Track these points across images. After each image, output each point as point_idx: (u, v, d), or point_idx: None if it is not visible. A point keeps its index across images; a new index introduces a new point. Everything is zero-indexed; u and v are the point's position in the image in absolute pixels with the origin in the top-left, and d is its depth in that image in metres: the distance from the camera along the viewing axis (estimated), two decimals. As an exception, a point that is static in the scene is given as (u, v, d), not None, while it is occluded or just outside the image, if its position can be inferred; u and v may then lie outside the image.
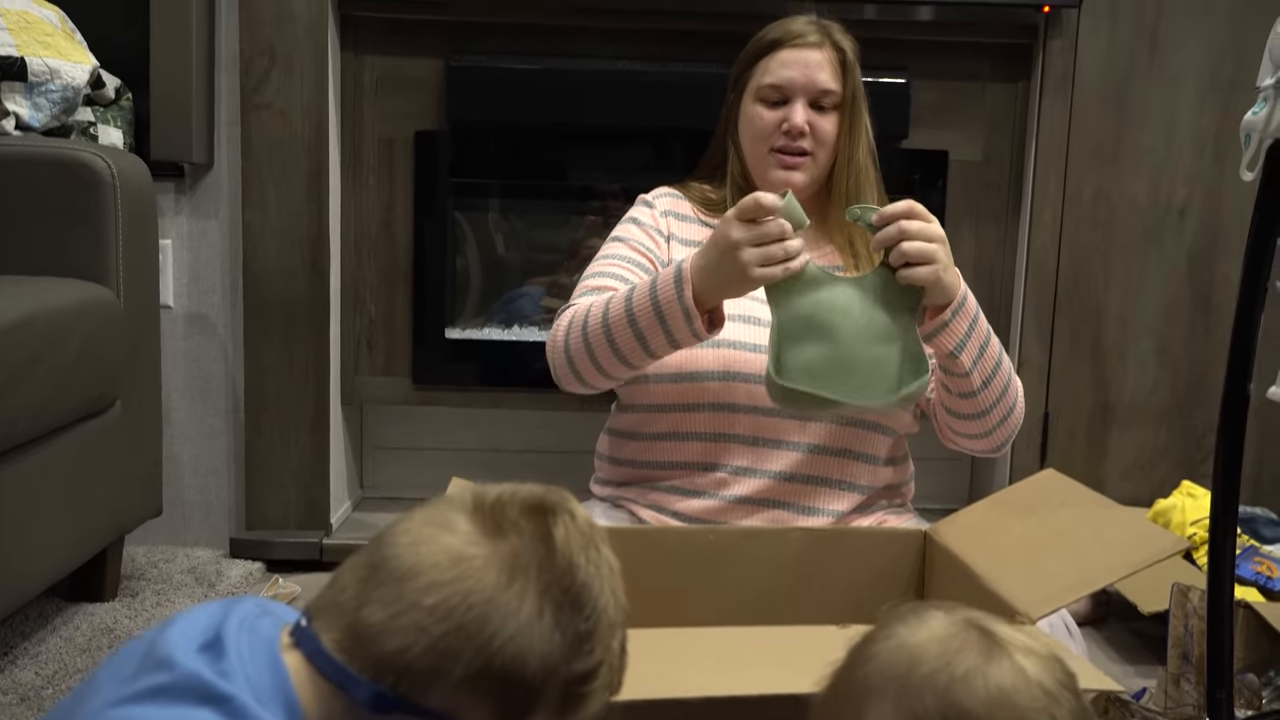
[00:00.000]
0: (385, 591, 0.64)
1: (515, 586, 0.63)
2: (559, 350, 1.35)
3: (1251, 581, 1.58)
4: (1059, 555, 1.06)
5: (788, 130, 1.38)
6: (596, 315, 1.31)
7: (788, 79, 1.39)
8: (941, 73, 1.94)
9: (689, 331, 1.22)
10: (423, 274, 1.97)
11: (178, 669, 0.62)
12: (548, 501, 0.67)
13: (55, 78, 1.65)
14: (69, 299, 1.44)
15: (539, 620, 0.63)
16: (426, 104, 1.93)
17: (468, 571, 0.63)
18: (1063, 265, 1.94)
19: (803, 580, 1.21)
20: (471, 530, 0.65)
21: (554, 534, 0.65)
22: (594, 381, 1.35)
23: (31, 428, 1.33)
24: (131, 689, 0.62)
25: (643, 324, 1.25)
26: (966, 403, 1.29)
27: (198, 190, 1.92)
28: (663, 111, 1.90)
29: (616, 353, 1.29)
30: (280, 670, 0.64)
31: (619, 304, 1.29)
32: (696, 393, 1.33)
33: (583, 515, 0.68)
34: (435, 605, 0.62)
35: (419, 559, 0.64)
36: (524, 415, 2.12)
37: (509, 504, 0.67)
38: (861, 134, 1.42)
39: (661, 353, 1.27)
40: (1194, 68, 1.91)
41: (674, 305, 1.22)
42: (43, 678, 1.37)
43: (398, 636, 0.63)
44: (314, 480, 1.91)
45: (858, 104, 1.42)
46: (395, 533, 0.66)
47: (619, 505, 1.41)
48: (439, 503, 0.68)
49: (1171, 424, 1.99)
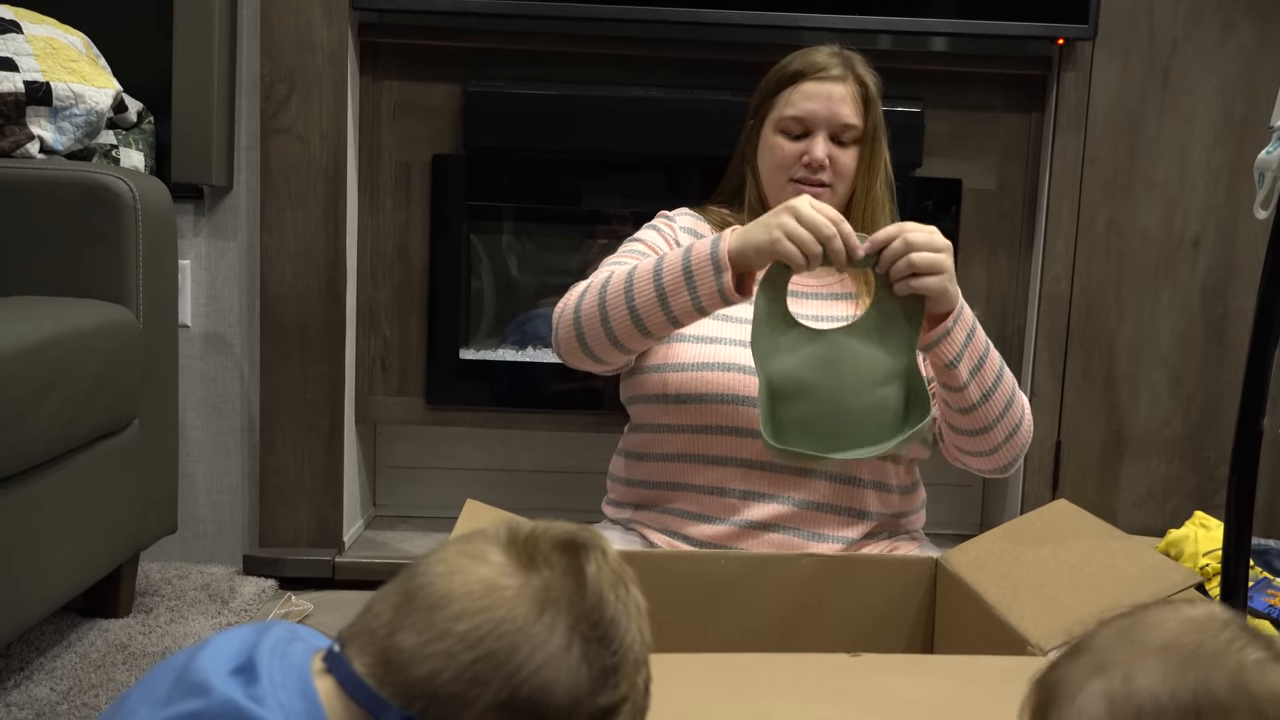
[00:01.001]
0: (418, 619, 0.64)
1: (545, 618, 0.64)
2: (568, 316, 1.32)
3: (1264, 614, 1.57)
4: (1070, 586, 1.06)
5: (808, 163, 1.40)
6: (619, 279, 1.29)
7: (810, 111, 1.40)
8: (956, 103, 1.95)
9: (715, 287, 1.20)
10: (437, 296, 1.99)
11: (213, 694, 0.62)
12: (580, 539, 0.68)
13: (79, 102, 1.68)
14: (89, 320, 1.45)
15: (567, 653, 0.64)
16: (444, 129, 1.95)
17: (499, 601, 0.64)
18: (1075, 295, 1.95)
19: (813, 607, 1.21)
20: (505, 562, 0.66)
21: (586, 570, 0.66)
22: (600, 351, 1.31)
23: (51, 447, 1.34)
24: (167, 713, 0.63)
25: (667, 280, 1.24)
26: (967, 418, 1.29)
27: (217, 212, 1.94)
28: (676, 138, 1.92)
29: (633, 314, 1.26)
30: (312, 696, 0.64)
31: (646, 266, 1.27)
32: (704, 415, 1.34)
33: (613, 554, 0.69)
34: (466, 633, 0.63)
35: (452, 587, 0.65)
36: (536, 436, 2.13)
37: (542, 539, 0.67)
38: (880, 167, 1.44)
39: (683, 318, 1.24)
40: (1207, 103, 1.92)
41: (705, 259, 1.21)
42: (58, 693, 1.38)
43: (428, 663, 0.63)
44: (327, 499, 1.92)
45: (878, 138, 1.43)
46: (430, 562, 0.67)
47: (631, 529, 1.41)
48: (473, 535, 0.69)
49: (1184, 455, 1.98)
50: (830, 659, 0.94)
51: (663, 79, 1.94)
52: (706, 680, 0.86)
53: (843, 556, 1.25)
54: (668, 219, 1.50)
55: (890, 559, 1.26)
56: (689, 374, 1.35)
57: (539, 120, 1.92)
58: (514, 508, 1.25)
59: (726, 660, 0.94)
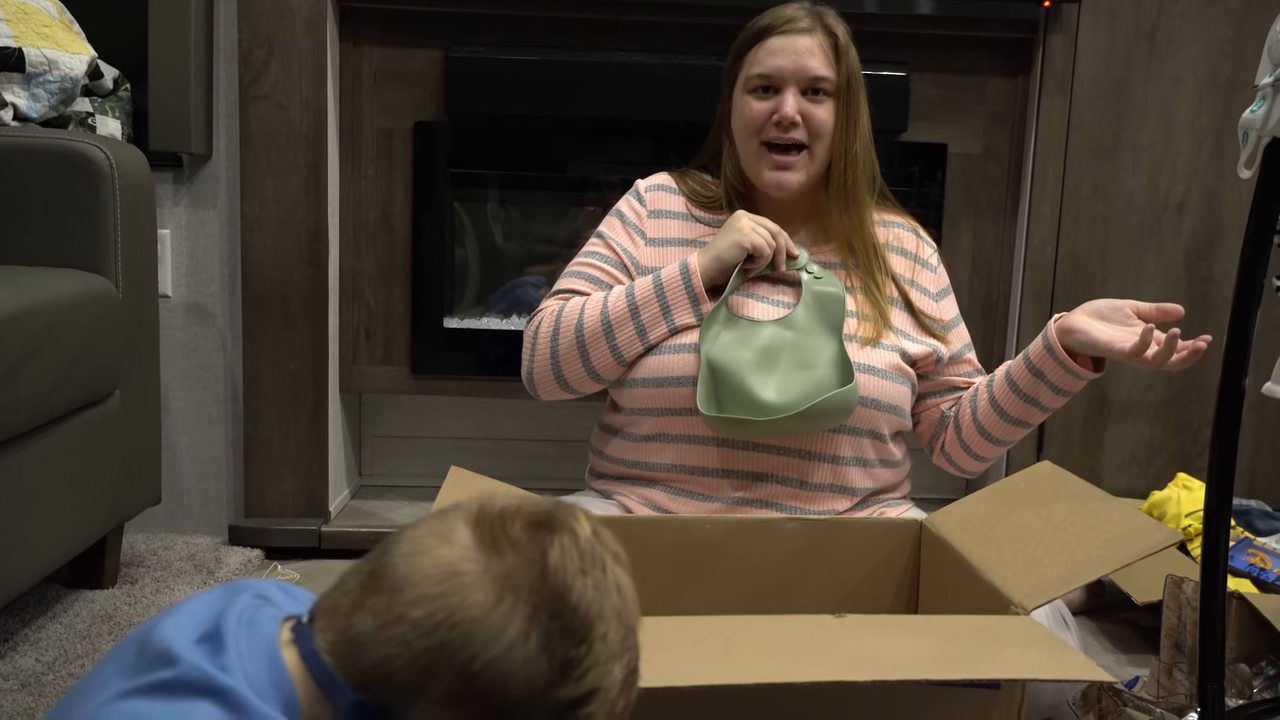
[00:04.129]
0: (378, 600, 0.63)
1: (503, 607, 0.62)
2: (543, 353, 1.36)
3: (1245, 573, 1.59)
4: (1054, 547, 1.06)
5: (778, 121, 1.33)
6: (593, 311, 1.34)
7: (777, 67, 1.34)
8: (941, 67, 1.94)
9: (689, 309, 1.33)
10: (421, 264, 1.98)
11: (180, 664, 0.62)
12: (553, 518, 0.66)
13: (53, 68, 1.65)
14: (68, 290, 1.44)
15: (524, 643, 0.62)
16: (426, 95, 1.93)
17: (457, 587, 0.62)
18: (1060, 260, 1.95)
19: (799, 570, 1.22)
20: (469, 544, 0.64)
21: (549, 555, 0.64)
22: (577, 384, 1.37)
23: (32, 417, 1.33)
24: (135, 683, 0.62)
25: (644, 313, 1.33)
26: (1016, 431, 1.38)
27: (196, 181, 1.92)
28: (661, 104, 1.90)
29: (613, 349, 1.34)
30: (279, 667, 0.64)
31: (618, 297, 1.34)
32: (677, 398, 1.33)
33: (587, 535, 0.66)
34: (420, 619, 0.61)
35: (412, 570, 0.63)
36: (521, 405, 2.12)
37: (513, 519, 0.65)
38: (858, 124, 1.37)
39: (656, 340, 1.34)
40: (1193, 65, 1.92)
41: (678, 288, 1.32)
42: (43, 664, 1.38)
43: (383, 648, 0.62)
44: (312, 468, 1.92)
45: (853, 91, 1.36)
46: (399, 540, 0.66)
47: (610, 498, 1.41)
48: (448, 512, 0.67)
49: (1167, 419, 2.00)
50: (816, 620, 0.95)
51: (649, 44, 1.92)
52: (694, 642, 0.86)
53: (828, 520, 1.25)
54: (638, 197, 1.47)
55: (875, 522, 1.26)
56: (662, 357, 1.34)
57: (523, 86, 1.90)
58: (501, 477, 1.25)
59: (713, 623, 0.94)
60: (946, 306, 1.47)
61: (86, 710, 0.63)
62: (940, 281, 1.47)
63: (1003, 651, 0.89)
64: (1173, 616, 1.39)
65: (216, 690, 0.61)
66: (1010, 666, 0.88)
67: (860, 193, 1.39)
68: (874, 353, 1.35)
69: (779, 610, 1.15)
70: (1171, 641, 1.39)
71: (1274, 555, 1.63)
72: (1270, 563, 1.60)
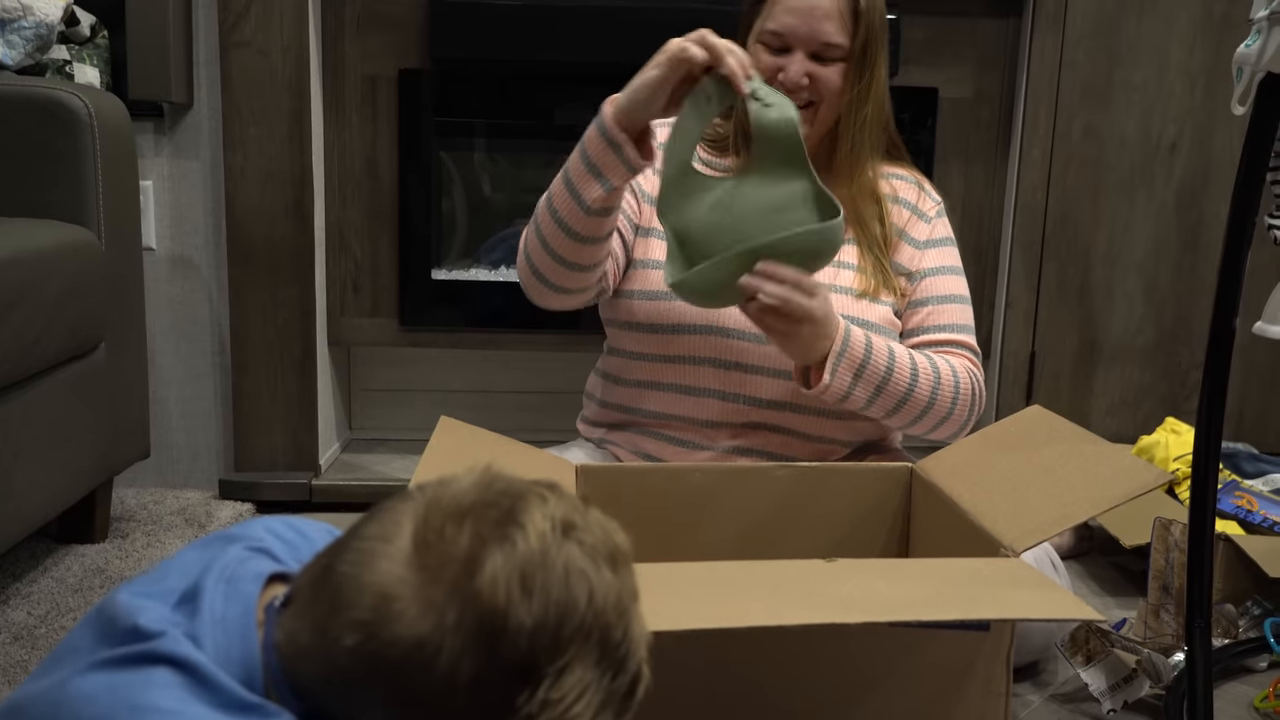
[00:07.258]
0: (319, 610, 0.62)
1: (434, 638, 0.59)
2: (521, 259, 1.33)
3: (1232, 515, 1.60)
4: (1043, 489, 1.07)
5: (783, 81, 1.28)
6: (541, 202, 1.30)
7: (789, 27, 1.29)
8: (932, 8, 1.91)
9: (617, 160, 1.19)
10: (408, 215, 1.95)
11: (145, 637, 0.62)
12: (509, 518, 0.61)
13: (28, 14, 1.61)
14: (48, 240, 1.42)
15: (457, 670, 0.59)
16: (410, 41, 1.89)
17: (387, 616, 0.59)
18: (1051, 205, 1.94)
19: (789, 516, 1.23)
20: (407, 557, 0.60)
21: (484, 573, 0.59)
22: (554, 277, 1.29)
23: (15, 369, 1.32)
24: (100, 656, 0.63)
25: (574, 176, 1.23)
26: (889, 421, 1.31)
27: (178, 130, 1.89)
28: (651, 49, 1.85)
29: (560, 224, 1.25)
30: (250, 640, 0.64)
31: (556, 179, 1.27)
32: (674, 344, 1.33)
33: (545, 536, 0.61)
34: (352, 649, 0.60)
35: (348, 586, 0.61)
36: (512, 356, 2.12)
37: (460, 521, 0.61)
38: (871, 88, 1.32)
39: (596, 204, 1.22)
40: (1186, 3, 1.89)
41: (598, 141, 1.20)
42: (35, 617, 1.38)
43: (318, 666, 0.62)
44: (302, 422, 1.91)
45: (870, 56, 1.30)
46: (354, 535, 0.64)
47: (603, 448, 1.41)
48: (402, 502, 0.63)
49: (1156, 362, 2.00)
50: (806, 564, 0.95)
51: (634, -14, 1.88)
52: (686, 587, 0.87)
53: (819, 466, 1.25)
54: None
55: (865, 468, 1.26)
56: (658, 303, 1.33)
57: (510, 31, 1.87)
58: (492, 429, 1.24)
59: (705, 568, 0.94)
60: (931, 256, 1.39)
61: (60, 677, 0.63)
62: (932, 232, 1.41)
63: (991, 592, 0.90)
64: (1160, 558, 1.40)
65: (179, 663, 0.61)
66: (999, 607, 0.88)
67: (869, 151, 1.36)
68: (870, 307, 1.34)
69: (770, 556, 1.16)
70: (1159, 583, 1.40)
71: (1260, 497, 1.64)
72: (1256, 505, 1.62)
